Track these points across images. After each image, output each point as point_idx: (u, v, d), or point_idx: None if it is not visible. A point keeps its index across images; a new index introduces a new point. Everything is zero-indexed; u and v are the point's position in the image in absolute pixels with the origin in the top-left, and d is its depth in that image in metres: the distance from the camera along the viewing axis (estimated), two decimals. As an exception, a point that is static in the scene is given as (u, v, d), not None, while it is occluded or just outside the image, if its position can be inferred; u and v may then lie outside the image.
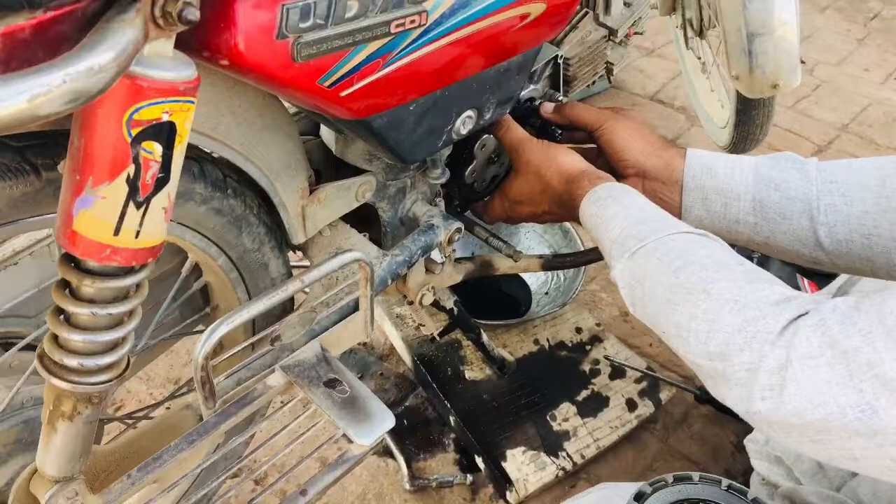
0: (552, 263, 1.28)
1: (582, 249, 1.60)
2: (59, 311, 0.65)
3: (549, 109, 1.12)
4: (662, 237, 0.84)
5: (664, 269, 0.81)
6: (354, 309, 0.97)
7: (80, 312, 0.64)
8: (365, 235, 1.08)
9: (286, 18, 0.64)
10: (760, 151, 1.99)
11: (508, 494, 1.33)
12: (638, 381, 1.50)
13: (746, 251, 1.04)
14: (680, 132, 2.41)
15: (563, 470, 1.36)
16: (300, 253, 1.04)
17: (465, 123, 0.97)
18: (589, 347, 1.56)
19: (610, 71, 1.35)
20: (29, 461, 0.78)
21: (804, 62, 2.69)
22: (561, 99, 1.22)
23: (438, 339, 1.49)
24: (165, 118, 0.58)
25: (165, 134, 0.58)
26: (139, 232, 0.61)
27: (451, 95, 0.90)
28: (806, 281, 1.55)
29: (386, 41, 0.73)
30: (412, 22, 0.74)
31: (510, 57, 0.94)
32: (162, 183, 0.61)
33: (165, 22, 0.55)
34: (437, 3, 0.75)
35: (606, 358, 1.51)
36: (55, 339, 0.66)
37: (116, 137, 0.56)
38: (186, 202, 0.81)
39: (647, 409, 1.46)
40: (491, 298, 1.71)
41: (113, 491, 0.78)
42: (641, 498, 0.87)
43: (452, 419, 1.43)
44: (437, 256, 1.18)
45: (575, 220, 1.00)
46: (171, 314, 1.05)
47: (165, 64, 0.57)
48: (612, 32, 1.29)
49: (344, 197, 0.99)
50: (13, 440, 0.85)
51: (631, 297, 0.85)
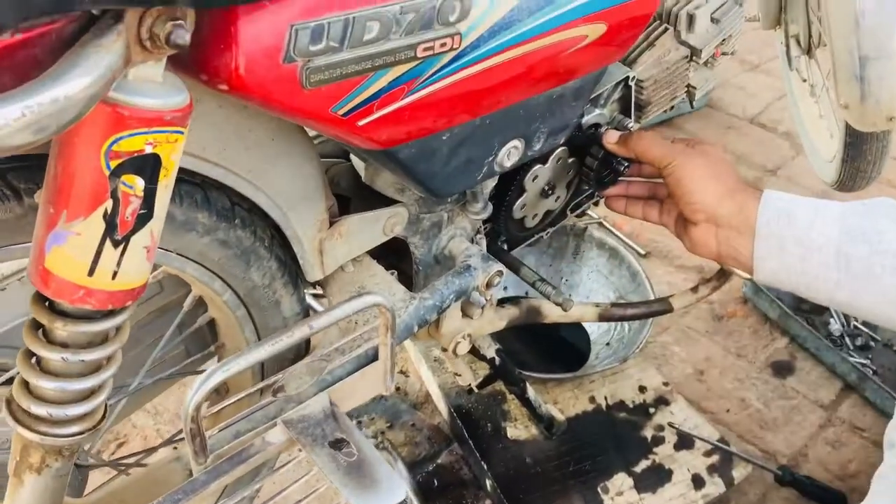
0: (611, 314, 1.25)
1: (651, 298, 1.56)
2: (29, 353, 0.66)
3: (612, 139, 1.10)
4: None
5: None
6: (373, 358, 0.96)
7: (50, 357, 0.64)
8: (393, 274, 1.07)
9: (295, 40, 0.63)
10: (876, 190, 1.92)
11: (547, 576, 1.30)
12: (708, 454, 1.44)
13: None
14: (782, 162, 2.34)
15: (612, 552, 1.32)
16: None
17: (509, 155, 0.95)
18: (653, 410, 1.51)
19: (692, 95, 1.31)
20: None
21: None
22: (630, 126, 1.19)
23: (477, 391, 1.46)
24: (149, 150, 0.58)
25: (149, 167, 0.59)
26: (116, 273, 0.61)
27: (492, 124, 0.88)
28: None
29: (411, 66, 0.72)
30: (443, 45, 0.72)
31: (564, 82, 0.92)
32: (143, 220, 0.61)
33: (153, 44, 0.55)
34: (473, 24, 0.74)
35: (671, 425, 1.46)
36: (25, 384, 0.66)
37: (93, 169, 0.57)
38: (188, 232, 0.82)
39: (716, 488, 1.40)
40: (545, 343, 1.69)
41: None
42: None
43: (489, 483, 1.40)
44: (477, 299, 1.17)
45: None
46: (175, 350, 1.06)
47: (152, 90, 0.57)
48: (695, 52, 1.25)
49: (369, 230, 0.99)
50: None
51: None
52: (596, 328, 1.69)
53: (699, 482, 1.41)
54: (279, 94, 0.66)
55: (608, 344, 1.64)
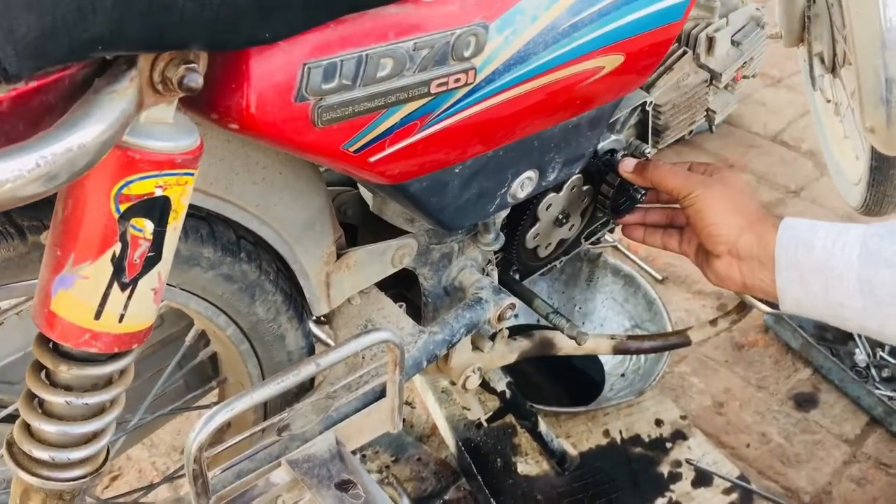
0: (627, 347, 1.27)
1: (668, 330, 1.57)
2: (32, 395, 0.68)
3: (629, 167, 1.11)
4: None
5: None
6: (380, 395, 0.98)
7: (53, 400, 0.66)
8: (402, 306, 1.09)
9: (307, 79, 0.65)
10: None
11: None
12: (727, 491, 1.45)
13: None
14: (805, 182, 2.35)
15: None
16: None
17: (523, 186, 0.97)
18: (670, 445, 1.52)
19: (711, 119, 1.33)
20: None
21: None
22: (648, 152, 1.21)
23: (486, 424, 1.48)
24: (159, 193, 0.60)
25: (158, 210, 0.61)
26: (123, 316, 0.63)
27: (506, 156, 0.90)
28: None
29: (424, 102, 0.74)
30: (457, 81, 0.74)
31: (580, 113, 0.94)
32: (151, 263, 0.63)
33: (165, 88, 0.58)
34: (487, 59, 0.76)
35: (689, 461, 1.47)
36: (26, 427, 0.68)
37: (102, 213, 0.59)
38: (192, 267, 0.84)
39: (736, 528, 1.41)
40: (558, 370, 1.70)
41: None
42: None
43: (498, 520, 1.42)
44: (488, 332, 1.18)
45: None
46: (175, 383, 1.08)
47: (162, 133, 0.59)
48: (714, 76, 1.27)
49: (377, 262, 1.01)
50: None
51: None
52: (610, 358, 1.70)
53: (718, 522, 1.42)
54: (290, 132, 0.68)
55: (623, 375, 1.65)
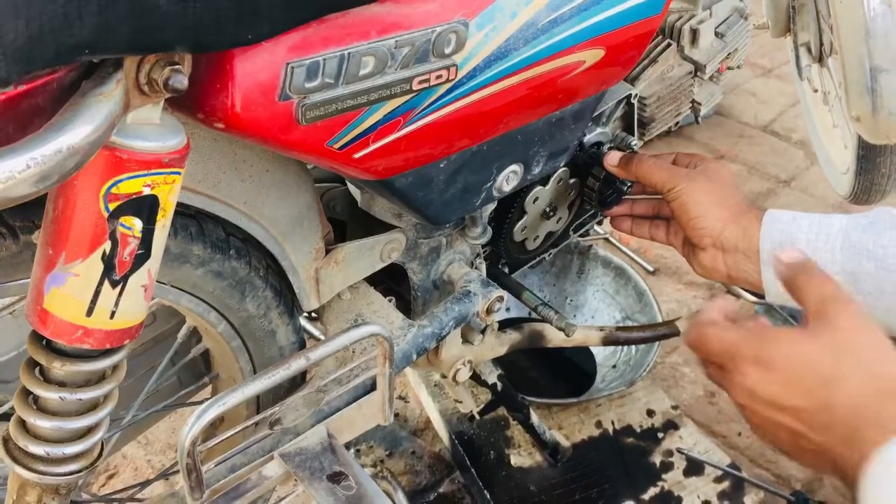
0: (616, 338, 1.29)
1: (658, 321, 1.59)
2: (27, 392, 0.70)
3: (613, 161, 1.13)
4: None
5: None
6: (371, 388, 1.00)
7: (48, 396, 0.68)
8: (391, 300, 1.11)
9: (290, 78, 0.67)
10: (893, 202, 1.95)
11: None
12: (718, 480, 1.48)
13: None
14: (796, 172, 2.38)
15: (620, 584, 1.35)
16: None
17: (508, 180, 0.99)
18: (661, 435, 1.55)
19: (696, 111, 1.35)
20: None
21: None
22: (634, 144, 1.23)
23: (479, 417, 1.50)
24: (147, 192, 0.62)
25: (146, 208, 0.63)
26: (114, 312, 0.65)
27: (490, 150, 0.92)
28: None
29: (407, 98, 0.76)
30: (438, 77, 0.76)
31: (563, 106, 0.96)
32: (141, 260, 0.65)
33: (151, 89, 0.60)
34: (468, 55, 0.78)
35: (681, 451, 1.50)
36: (22, 423, 0.70)
37: (92, 212, 0.61)
38: (182, 265, 0.86)
39: (728, 515, 1.44)
40: (549, 361, 1.72)
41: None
42: None
43: (492, 512, 1.44)
44: (478, 324, 1.20)
45: (835, 471, 0.71)
46: (168, 380, 1.10)
47: (149, 133, 0.61)
48: (699, 68, 1.30)
49: (366, 257, 1.03)
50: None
51: None
52: (602, 349, 1.72)
53: (710, 510, 1.44)
54: (275, 130, 0.70)
55: (614, 366, 1.67)
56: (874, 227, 0.95)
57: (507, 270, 1.25)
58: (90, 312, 0.64)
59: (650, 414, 1.59)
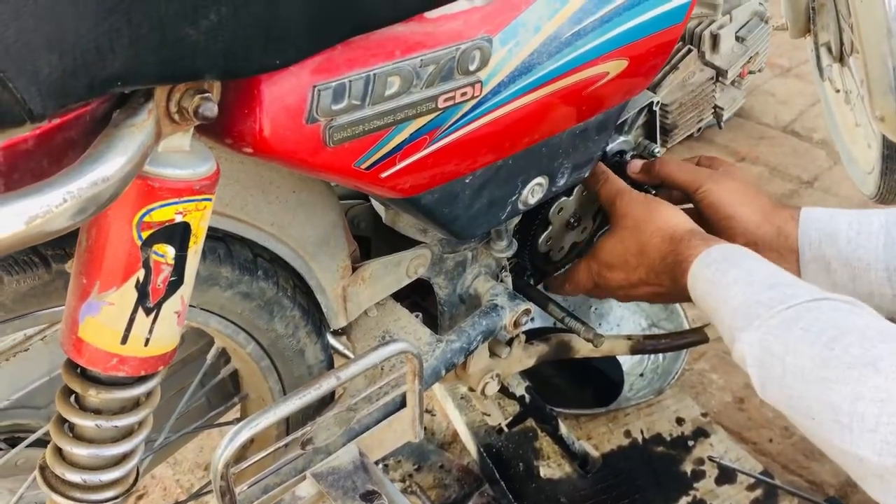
0: (644, 347, 1.29)
1: (685, 328, 1.59)
2: (62, 420, 0.71)
3: (636, 168, 1.14)
4: (803, 303, 0.81)
5: (812, 339, 0.77)
6: (401, 405, 1.00)
7: (84, 424, 0.69)
8: (418, 316, 1.11)
9: (317, 101, 0.68)
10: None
11: None
12: (751, 487, 1.47)
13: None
14: (818, 172, 2.36)
15: None
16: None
17: (533, 192, 0.99)
18: (692, 443, 1.54)
19: (719, 116, 1.35)
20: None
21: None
22: (657, 152, 1.23)
23: (507, 430, 1.50)
24: (179, 219, 0.63)
25: (179, 236, 0.63)
26: (149, 339, 0.66)
27: (515, 164, 0.93)
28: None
29: (433, 117, 0.77)
30: (464, 95, 0.77)
31: (587, 118, 0.96)
32: (174, 287, 0.65)
33: (181, 117, 0.60)
34: (492, 71, 0.78)
35: (712, 459, 1.49)
36: (58, 451, 0.71)
37: (126, 240, 0.62)
38: (211, 287, 0.86)
39: (761, 523, 1.43)
40: (576, 369, 1.72)
41: None
42: None
43: (523, 525, 1.44)
44: (505, 337, 1.20)
45: (678, 293, 0.99)
46: (197, 401, 1.10)
47: (180, 160, 0.62)
48: (720, 73, 1.30)
49: (393, 273, 1.03)
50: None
51: (763, 376, 0.82)
52: (629, 358, 1.72)
53: (743, 518, 1.44)
54: (303, 153, 0.70)
55: (642, 374, 1.67)
56: None
57: (532, 282, 1.25)
58: (125, 340, 0.65)
59: (679, 422, 1.58)
